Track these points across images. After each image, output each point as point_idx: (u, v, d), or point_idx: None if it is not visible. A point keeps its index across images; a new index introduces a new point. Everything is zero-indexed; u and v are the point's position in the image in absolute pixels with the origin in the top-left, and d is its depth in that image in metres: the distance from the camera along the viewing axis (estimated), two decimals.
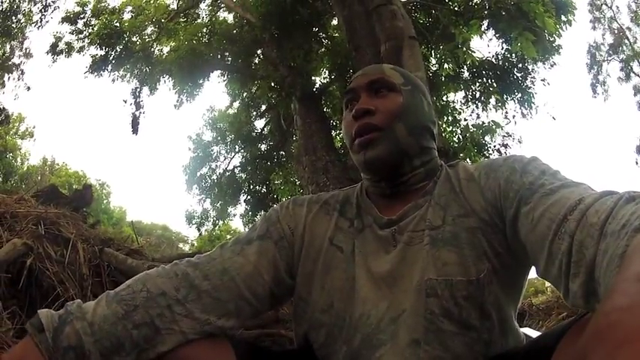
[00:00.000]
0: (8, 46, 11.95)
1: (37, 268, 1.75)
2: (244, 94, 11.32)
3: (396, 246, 0.98)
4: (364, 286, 0.97)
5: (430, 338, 0.88)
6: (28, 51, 12.41)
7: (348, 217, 1.08)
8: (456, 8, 7.43)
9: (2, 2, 10.42)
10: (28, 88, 12.86)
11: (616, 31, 12.51)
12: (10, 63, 12.23)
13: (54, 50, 10.70)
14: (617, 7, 13.17)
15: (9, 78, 12.39)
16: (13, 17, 10.87)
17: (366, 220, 1.05)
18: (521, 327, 1.01)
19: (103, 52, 10.29)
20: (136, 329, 0.90)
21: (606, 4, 13.08)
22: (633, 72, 12.38)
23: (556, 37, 6.65)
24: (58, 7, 10.78)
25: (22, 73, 12.57)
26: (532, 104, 8.01)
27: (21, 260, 1.70)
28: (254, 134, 11.35)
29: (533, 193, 0.83)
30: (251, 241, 1.05)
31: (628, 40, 12.29)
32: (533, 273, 0.91)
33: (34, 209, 2.07)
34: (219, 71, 10.80)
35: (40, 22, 10.84)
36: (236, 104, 11.94)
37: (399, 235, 0.99)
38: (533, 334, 1.28)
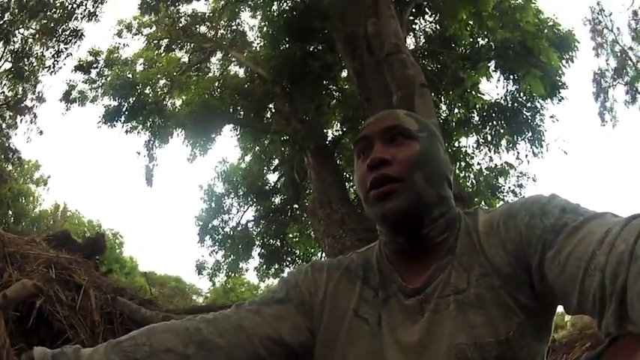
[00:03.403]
0: (20, 88, 12.13)
1: (47, 310, 1.75)
2: (257, 148, 11.48)
3: (424, 315, 0.95)
4: (394, 356, 0.94)
5: None
6: (40, 95, 12.62)
7: (372, 286, 1.03)
8: (462, 52, 7.61)
9: (14, 42, 10.68)
10: (41, 132, 13.04)
11: (619, 54, 12.61)
12: (22, 105, 12.37)
13: (67, 98, 10.98)
14: (618, 29, 13.31)
15: (21, 120, 12.56)
16: (25, 59, 11.11)
17: (391, 289, 1.01)
18: None
19: (116, 103, 10.49)
20: None
21: (607, 28, 13.24)
22: (639, 92, 12.36)
23: (561, 75, 6.73)
24: (71, 55, 11.08)
25: (35, 116, 12.76)
26: (543, 142, 8.06)
27: (30, 301, 1.68)
28: (267, 188, 11.43)
29: (557, 235, 0.81)
30: (269, 304, 1.02)
31: (631, 60, 12.39)
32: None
33: (45, 252, 2.05)
34: (231, 125, 11.01)
35: (53, 67, 11.10)
36: (248, 157, 12.11)
37: (425, 304, 0.95)
38: None
